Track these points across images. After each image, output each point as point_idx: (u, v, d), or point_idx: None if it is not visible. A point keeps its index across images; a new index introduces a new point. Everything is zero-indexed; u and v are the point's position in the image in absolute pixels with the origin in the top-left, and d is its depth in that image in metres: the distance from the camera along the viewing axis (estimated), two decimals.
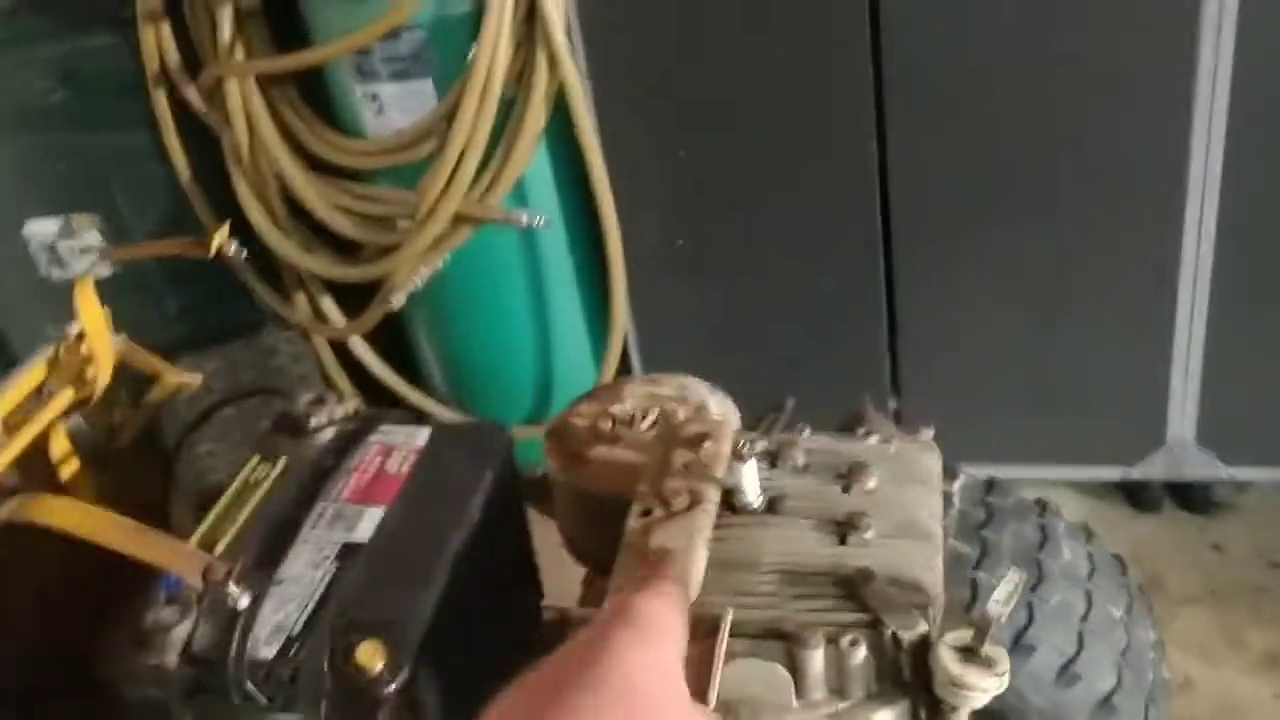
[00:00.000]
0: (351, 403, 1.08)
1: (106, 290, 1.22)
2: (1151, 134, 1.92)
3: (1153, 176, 1.95)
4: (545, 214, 2.16)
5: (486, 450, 1.05)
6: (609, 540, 0.88)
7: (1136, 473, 2.23)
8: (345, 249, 2.32)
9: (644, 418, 1.11)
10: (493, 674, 0.54)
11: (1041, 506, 1.44)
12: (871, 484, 0.91)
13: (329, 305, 2.38)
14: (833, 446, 0.96)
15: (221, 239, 1.12)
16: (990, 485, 1.44)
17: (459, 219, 2.09)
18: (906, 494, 0.91)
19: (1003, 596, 0.76)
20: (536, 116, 2.04)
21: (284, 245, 2.23)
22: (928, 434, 1.10)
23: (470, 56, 1.95)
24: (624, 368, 2.41)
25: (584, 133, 2.05)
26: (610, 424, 1.12)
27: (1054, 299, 2.10)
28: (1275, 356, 2.06)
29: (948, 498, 1.43)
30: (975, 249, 2.08)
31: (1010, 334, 2.16)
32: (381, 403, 2.51)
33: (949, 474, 1.45)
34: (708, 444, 0.94)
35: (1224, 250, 1.97)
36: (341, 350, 2.46)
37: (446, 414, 2.47)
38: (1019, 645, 1.29)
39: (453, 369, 2.50)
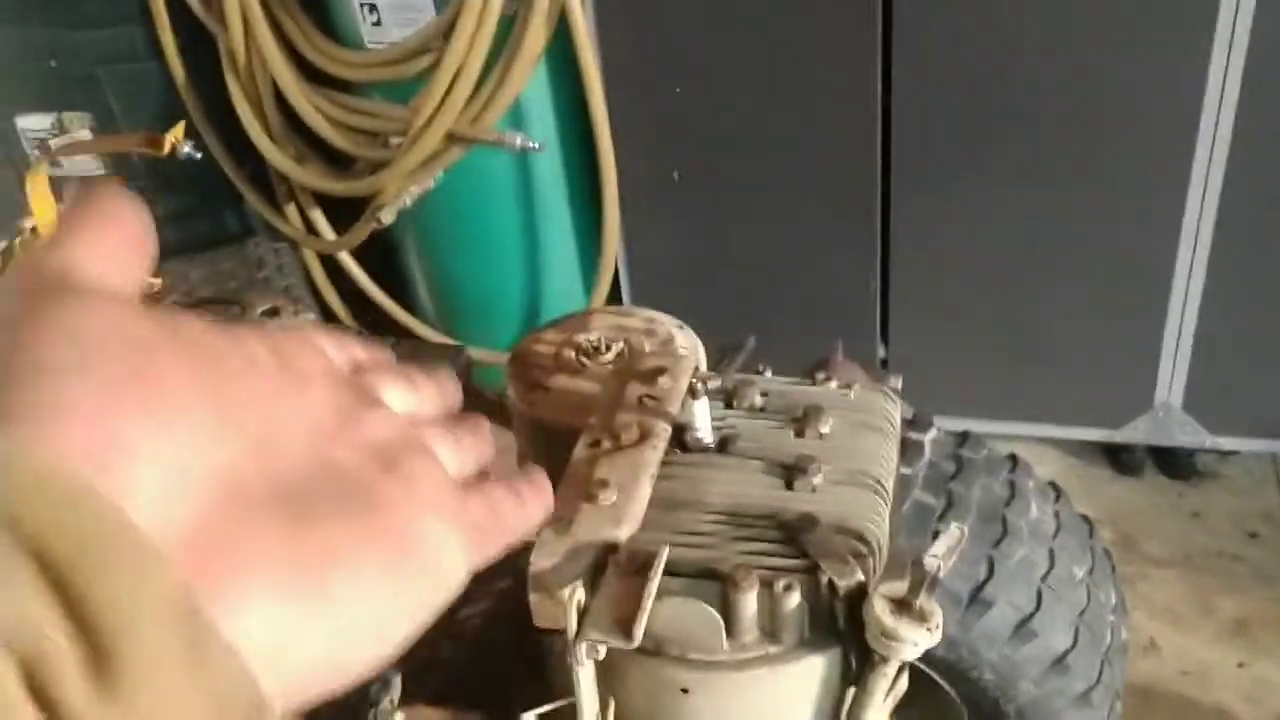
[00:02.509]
0: (307, 316, 1.06)
1: None
2: (1162, 96, 1.87)
3: (1161, 138, 1.91)
4: (541, 138, 2.12)
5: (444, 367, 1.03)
6: (565, 470, 0.87)
7: (1121, 436, 2.21)
8: (338, 162, 2.30)
9: (608, 349, 1.10)
10: None
11: (1013, 462, 1.43)
12: (826, 429, 0.89)
13: (320, 218, 2.36)
14: (790, 389, 0.94)
15: (176, 139, 1.09)
16: (963, 438, 1.43)
17: (451, 138, 2.06)
18: (861, 442, 0.89)
19: (940, 550, 0.75)
20: (536, 36, 1.99)
21: (276, 155, 2.20)
22: (895, 382, 1.08)
23: None
24: (614, 298, 2.39)
25: (583, 56, 2.01)
26: (574, 353, 1.10)
27: (1050, 256, 2.07)
28: (1268, 328, 2.03)
29: (919, 448, 1.42)
30: (973, 201, 2.05)
31: (1003, 289, 2.13)
32: (370, 322, 2.50)
33: (922, 425, 1.45)
34: (663, 379, 0.92)
35: (1226, 218, 1.93)
36: (333, 267, 2.45)
37: (433, 335, 2.45)
38: (977, 600, 1.29)
39: (442, 291, 2.48)
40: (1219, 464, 2.28)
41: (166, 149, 1.10)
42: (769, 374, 1.00)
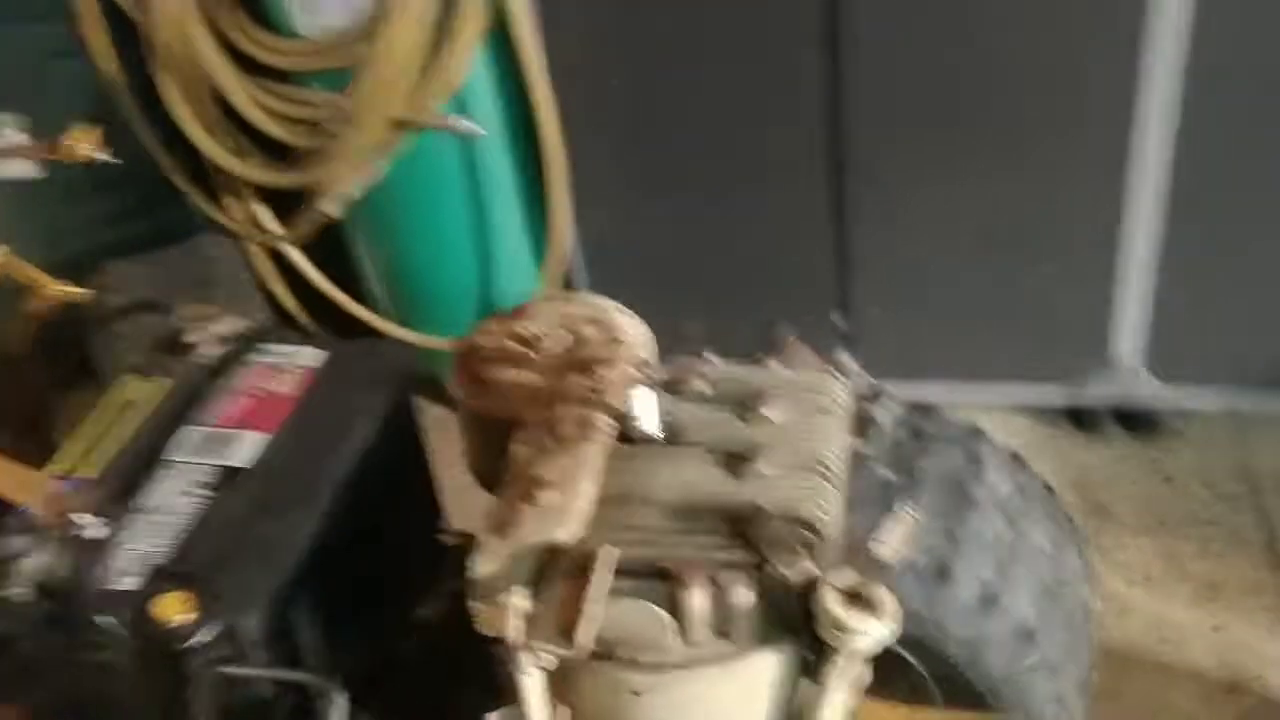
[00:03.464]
0: (231, 320, 1.01)
1: (32, 195, 1.15)
2: (1103, 45, 1.85)
3: (1104, 90, 1.88)
4: (486, 124, 2.08)
5: (384, 371, 0.99)
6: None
7: (1082, 397, 2.20)
8: (281, 154, 2.24)
9: (552, 339, 1.06)
10: (385, 602, 0.50)
11: (974, 433, 1.41)
12: (773, 414, 0.86)
13: (265, 213, 2.30)
14: (738, 375, 0.92)
15: (80, 143, 1.04)
16: (924, 411, 1.41)
17: (394, 124, 2.00)
18: (810, 426, 0.86)
19: (891, 536, 0.73)
20: (475, 17, 1.94)
21: (213, 148, 2.14)
22: (849, 362, 1.05)
23: None
24: (569, 285, 2.35)
25: (521, 36, 1.96)
26: (517, 345, 1.07)
27: (1003, 217, 2.05)
28: (1226, 281, 2.02)
29: (877, 424, 1.40)
30: (925, 168, 2.02)
31: (959, 252, 2.11)
32: (323, 316, 2.45)
33: (880, 399, 1.42)
34: (605, 370, 0.89)
35: (1181, 164, 1.91)
36: (286, 263, 2.39)
37: (387, 328, 2.41)
38: (941, 574, 1.27)
39: (393, 282, 2.43)
40: (1183, 422, 2.28)
41: (76, 154, 1.05)
42: (717, 359, 0.97)
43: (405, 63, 1.94)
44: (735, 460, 0.82)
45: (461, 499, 1.14)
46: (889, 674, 1.32)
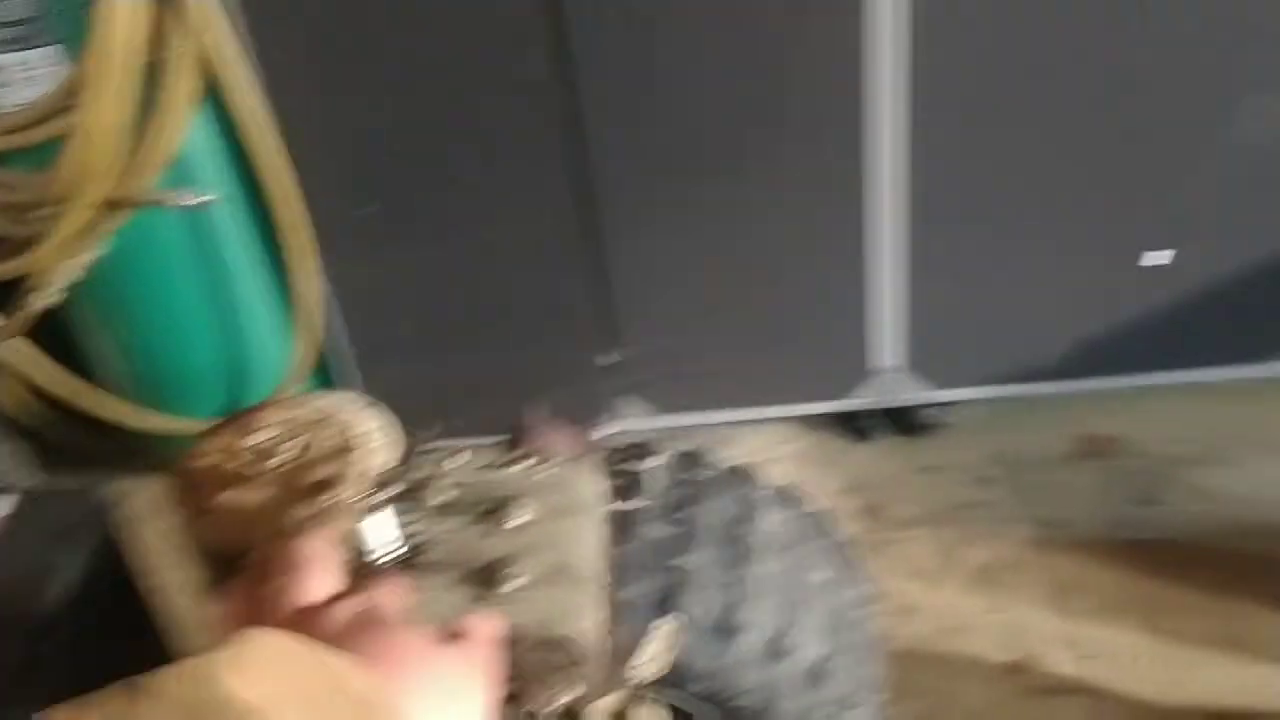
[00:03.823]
0: None
1: None
2: (828, 68, 1.89)
3: (833, 113, 1.93)
4: (213, 191, 1.94)
5: (76, 523, 0.88)
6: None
7: (848, 404, 2.26)
8: None
9: (280, 450, 0.97)
10: None
11: (742, 475, 1.40)
12: (523, 520, 0.81)
13: None
14: (483, 479, 0.86)
15: None
16: (689, 459, 1.39)
17: (106, 204, 1.84)
18: (562, 528, 0.82)
19: (649, 654, 0.69)
20: (185, 82, 1.81)
21: None
22: (608, 433, 1.01)
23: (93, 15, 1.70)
24: (327, 350, 2.24)
25: (239, 98, 1.84)
26: (241, 462, 0.97)
27: (760, 244, 2.08)
28: (972, 279, 2.11)
29: (644, 481, 1.37)
30: (676, 197, 2.03)
31: (719, 282, 2.12)
32: (59, 410, 2.24)
33: (645, 455, 1.40)
34: (332, 492, 0.82)
35: (919, 171, 1.98)
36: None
37: (132, 415, 2.23)
38: (725, 628, 1.25)
39: (133, 366, 2.25)
40: (944, 416, 2.37)
41: None
42: (465, 456, 0.91)
43: (111, 136, 1.78)
44: (482, 580, 0.76)
45: (197, 640, 1.04)
46: None
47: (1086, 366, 2.20)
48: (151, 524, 1.03)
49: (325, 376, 2.31)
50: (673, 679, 1.26)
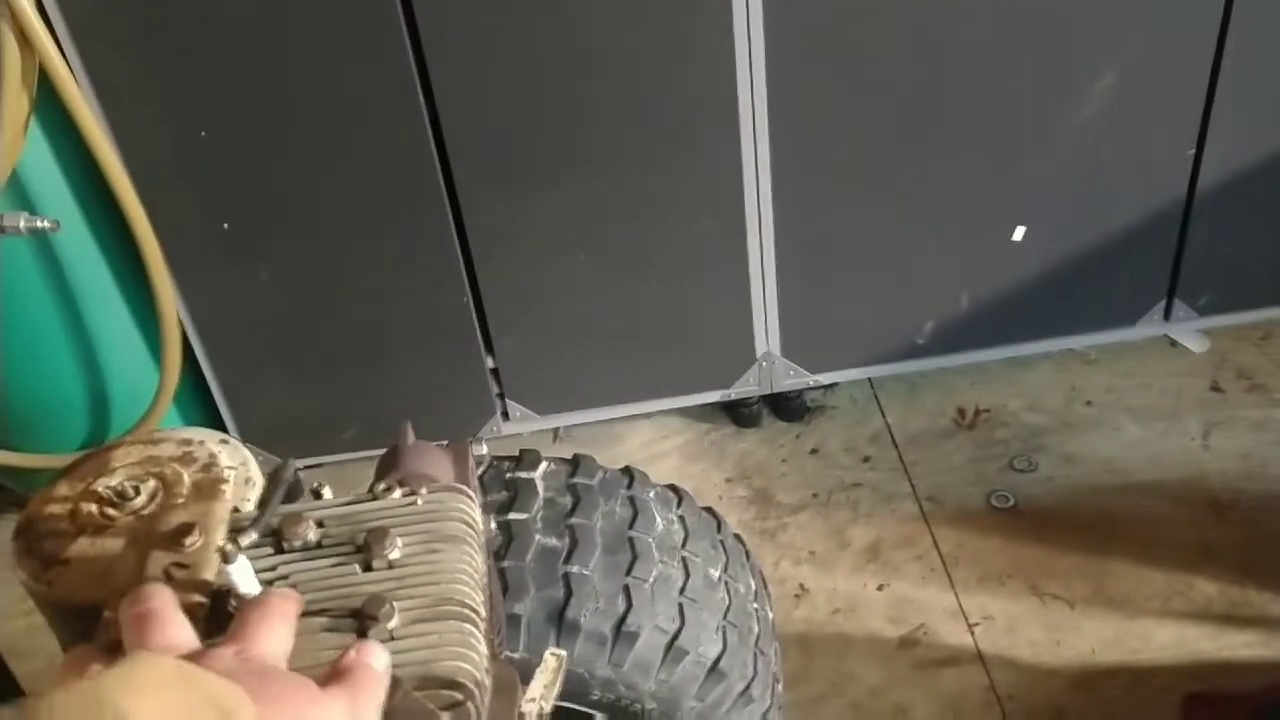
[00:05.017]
0: None
1: None
2: (698, 65, 1.89)
3: (704, 106, 1.93)
4: (57, 215, 1.84)
5: None
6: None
7: (734, 392, 2.27)
8: None
9: (137, 492, 0.92)
10: None
11: (629, 477, 1.39)
12: (395, 554, 0.78)
13: None
14: (350, 513, 0.82)
15: None
16: (574, 465, 1.37)
17: None
18: (438, 559, 0.78)
19: (539, 689, 0.66)
20: (16, 105, 1.71)
21: None
22: (479, 450, 0.98)
23: None
24: (193, 369, 2.15)
25: (75, 113, 1.75)
26: (95, 507, 0.92)
27: (631, 241, 2.07)
28: (840, 265, 2.14)
29: (531, 489, 1.35)
30: (544, 200, 2.00)
31: (594, 280, 2.10)
32: None
33: (530, 464, 1.37)
34: (191, 539, 0.77)
35: (780, 172, 1.99)
36: None
37: None
38: (621, 634, 1.23)
39: None
40: (825, 399, 2.40)
41: None
42: (327, 493, 0.87)
43: None
44: (358, 620, 0.73)
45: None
46: None
47: (954, 342, 2.25)
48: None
49: (191, 403, 2.22)
50: (574, 689, 1.25)
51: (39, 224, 1.80)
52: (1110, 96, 1.98)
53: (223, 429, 1.76)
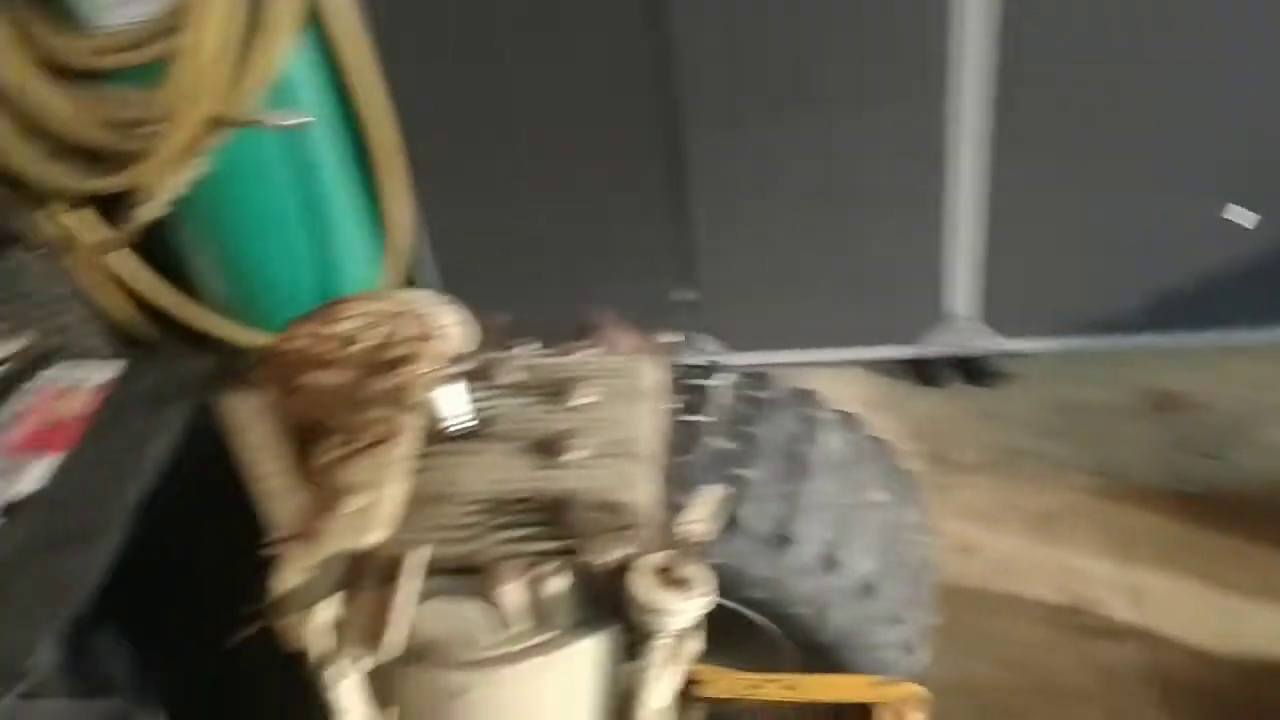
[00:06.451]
0: (16, 339, 0.96)
1: None
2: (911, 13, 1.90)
3: (920, 53, 1.94)
4: (311, 113, 2.02)
5: (182, 382, 0.95)
6: None
7: (919, 350, 2.27)
8: (99, 157, 2.13)
9: (363, 338, 1.04)
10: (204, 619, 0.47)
11: (807, 396, 1.44)
12: (585, 400, 0.87)
13: (83, 220, 2.20)
14: (549, 364, 0.92)
15: None
16: (756, 378, 1.43)
17: (211, 122, 1.93)
18: (622, 410, 0.87)
19: (697, 515, 0.74)
20: (288, 5, 1.88)
21: (18, 155, 2.03)
22: (671, 340, 1.06)
23: None
24: (415, 273, 2.32)
25: (340, 21, 1.91)
26: (328, 346, 1.04)
27: (834, 184, 2.10)
28: (1049, 232, 2.11)
29: (709, 395, 1.42)
30: (758, 141, 2.06)
31: (798, 221, 2.15)
32: (162, 321, 2.36)
33: (711, 371, 1.45)
34: (409, 369, 0.88)
35: (1001, 118, 1.98)
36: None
37: (228, 329, 2.33)
38: (781, 538, 1.30)
39: (229, 280, 2.35)
40: (1012, 366, 2.38)
41: None
42: (535, 344, 0.97)
43: (217, 56, 1.87)
44: (545, 450, 0.82)
45: (283, 507, 1.11)
46: (740, 636, 1.36)
47: (1157, 321, 2.19)
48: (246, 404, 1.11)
49: None
50: (729, 585, 1.32)
51: (296, 121, 1.98)
52: None
53: None
